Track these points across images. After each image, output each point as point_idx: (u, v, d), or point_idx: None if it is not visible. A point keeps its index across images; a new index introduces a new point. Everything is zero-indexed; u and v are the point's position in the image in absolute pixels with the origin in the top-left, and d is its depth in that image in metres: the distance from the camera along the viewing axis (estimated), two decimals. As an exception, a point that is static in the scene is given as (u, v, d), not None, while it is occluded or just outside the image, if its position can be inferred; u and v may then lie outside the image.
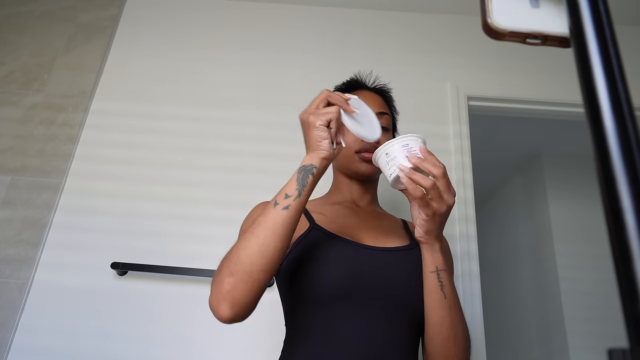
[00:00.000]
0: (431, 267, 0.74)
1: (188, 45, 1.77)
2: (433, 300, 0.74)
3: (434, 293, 0.73)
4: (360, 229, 0.85)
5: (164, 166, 1.54)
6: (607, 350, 0.22)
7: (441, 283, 0.73)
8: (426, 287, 0.75)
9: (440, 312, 0.73)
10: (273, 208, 0.67)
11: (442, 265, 0.74)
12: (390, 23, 1.87)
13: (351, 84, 1.02)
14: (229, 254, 0.67)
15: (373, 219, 0.91)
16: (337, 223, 0.84)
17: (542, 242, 2.62)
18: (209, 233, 1.43)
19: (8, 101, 1.63)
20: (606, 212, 0.24)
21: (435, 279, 0.73)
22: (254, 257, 0.64)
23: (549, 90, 1.72)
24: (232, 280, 0.63)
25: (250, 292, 0.64)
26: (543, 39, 0.36)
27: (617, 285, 0.23)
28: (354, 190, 0.93)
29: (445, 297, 0.73)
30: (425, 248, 0.75)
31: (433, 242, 0.74)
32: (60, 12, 1.81)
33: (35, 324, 1.31)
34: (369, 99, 0.94)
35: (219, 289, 0.64)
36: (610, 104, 0.26)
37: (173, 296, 1.35)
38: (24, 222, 1.43)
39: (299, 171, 0.69)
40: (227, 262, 0.66)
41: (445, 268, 0.74)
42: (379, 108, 0.93)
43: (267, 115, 1.64)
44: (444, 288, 0.73)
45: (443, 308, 0.73)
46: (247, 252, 0.65)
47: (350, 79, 1.03)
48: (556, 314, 2.37)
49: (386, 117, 0.93)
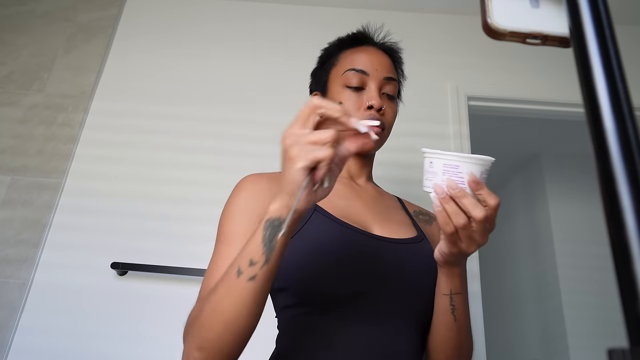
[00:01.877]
0: (445, 289, 0.66)
1: (188, 45, 1.77)
2: (442, 321, 0.69)
3: (443, 315, 0.68)
4: (366, 214, 0.76)
5: (164, 166, 1.54)
6: (607, 350, 0.22)
7: (453, 306, 0.67)
8: (437, 307, 0.69)
9: (449, 333, 0.69)
10: (236, 278, 0.53)
11: (458, 289, 0.66)
12: (390, 23, 1.86)
13: (357, 37, 0.86)
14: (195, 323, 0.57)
15: (375, 200, 0.81)
16: (340, 205, 0.74)
17: (542, 242, 2.62)
18: (209, 233, 1.43)
19: (8, 101, 1.63)
20: (606, 212, 0.24)
21: (447, 301, 0.67)
22: (222, 335, 0.54)
23: (549, 90, 1.72)
24: (201, 356, 0.55)
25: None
26: (543, 39, 0.36)
27: (617, 285, 0.23)
28: (352, 165, 0.84)
29: (455, 320, 0.68)
30: (442, 271, 0.66)
31: (451, 268, 0.65)
32: (60, 12, 1.81)
33: (35, 324, 1.31)
34: (377, 58, 0.81)
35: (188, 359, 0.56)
36: (610, 104, 0.26)
37: (173, 296, 1.35)
38: (24, 222, 1.43)
39: (264, 228, 0.52)
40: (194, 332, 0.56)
41: (460, 292, 0.66)
42: (387, 72, 0.80)
43: (267, 116, 1.64)
44: (455, 311, 0.67)
45: (452, 330, 0.68)
46: (213, 330, 0.54)
47: (357, 31, 0.87)
48: (556, 314, 2.37)
49: (394, 84, 0.80)
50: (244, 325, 0.54)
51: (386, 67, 0.81)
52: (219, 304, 0.54)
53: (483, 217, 0.54)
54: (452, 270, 0.65)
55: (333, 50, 0.87)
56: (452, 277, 0.65)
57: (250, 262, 0.52)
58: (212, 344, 0.54)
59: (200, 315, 0.56)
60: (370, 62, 0.79)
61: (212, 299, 0.55)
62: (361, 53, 0.81)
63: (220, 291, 0.55)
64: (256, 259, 0.52)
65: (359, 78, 0.78)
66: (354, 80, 0.77)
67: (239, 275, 0.53)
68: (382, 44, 0.86)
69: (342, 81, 0.79)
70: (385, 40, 0.87)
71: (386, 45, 0.86)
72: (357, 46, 0.84)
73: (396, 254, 0.71)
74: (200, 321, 0.56)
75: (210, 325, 0.54)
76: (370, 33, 0.86)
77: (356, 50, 0.82)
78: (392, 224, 0.77)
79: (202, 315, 0.56)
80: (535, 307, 2.62)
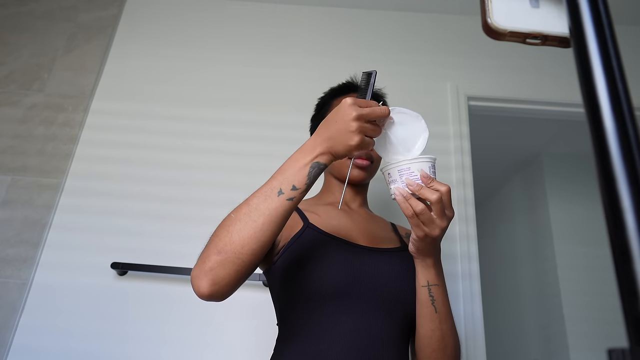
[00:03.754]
0: (422, 281, 0.74)
1: (188, 45, 1.77)
2: (424, 313, 0.75)
3: (424, 306, 0.74)
4: (354, 230, 0.86)
5: (164, 166, 1.54)
6: (607, 350, 0.22)
7: (432, 297, 0.74)
8: (418, 300, 0.76)
9: (431, 325, 0.74)
10: (277, 196, 0.64)
11: (434, 280, 0.74)
12: (390, 23, 1.87)
13: (346, 86, 1.01)
14: (219, 232, 0.65)
15: (365, 220, 0.92)
16: (331, 224, 0.85)
17: (542, 242, 2.62)
18: (209, 233, 1.43)
19: (8, 101, 1.63)
20: (606, 212, 0.24)
21: (426, 293, 0.74)
22: (247, 240, 0.62)
23: (549, 90, 1.72)
24: (219, 259, 0.62)
25: (235, 272, 0.62)
26: (543, 39, 0.36)
27: (617, 285, 0.23)
28: (346, 193, 0.95)
29: (436, 311, 0.74)
30: (417, 262, 0.75)
31: (424, 258, 0.74)
32: (60, 12, 1.81)
33: (35, 324, 1.31)
34: None
35: (203, 264, 0.62)
36: (610, 104, 0.26)
37: (173, 296, 1.35)
38: (24, 222, 1.43)
39: (311, 166, 0.66)
40: (215, 240, 0.64)
41: (437, 283, 0.74)
42: None
43: (268, 116, 1.64)
44: (435, 302, 0.74)
45: (434, 321, 0.74)
46: (241, 235, 0.62)
47: (345, 82, 1.03)
48: (556, 314, 2.37)
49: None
50: (268, 235, 0.64)
51: None
52: (252, 213, 0.64)
53: (437, 198, 0.66)
54: (425, 261, 0.73)
55: (327, 99, 1.02)
56: (427, 267, 0.74)
57: (292, 187, 0.65)
58: (234, 246, 0.62)
59: (225, 224, 0.65)
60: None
61: (244, 209, 0.65)
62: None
63: (254, 204, 0.65)
64: (299, 186, 0.65)
65: None
66: None
67: (279, 194, 0.65)
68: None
69: None
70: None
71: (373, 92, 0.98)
72: (346, 94, 0.97)
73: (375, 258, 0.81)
74: (225, 228, 0.64)
75: (238, 230, 0.63)
76: (357, 82, 1.00)
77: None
78: (378, 239, 0.87)
79: (228, 223, 0.65)
80: (535, 307, 2.62)
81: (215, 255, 0.62)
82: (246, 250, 0.62)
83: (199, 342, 1.30)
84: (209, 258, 0.62)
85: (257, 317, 1.32)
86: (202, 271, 0.62)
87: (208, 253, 0.63)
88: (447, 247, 1.45)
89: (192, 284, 0.63)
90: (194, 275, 0.63)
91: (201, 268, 0.62)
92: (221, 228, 0.66)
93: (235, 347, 1.30)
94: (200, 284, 0.61)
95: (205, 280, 0.61)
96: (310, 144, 0.68)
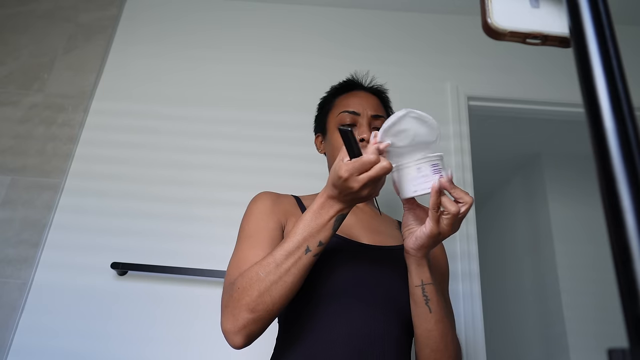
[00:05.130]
0: (416, 281, 0.73)
1: (188, 45, 1.77)
2: (418, 314, 0.74)
3: (419, 306, 0.73)
4: (358, 228, 0.87)
5: (164, 166, 1.54)
6: (607, 350, 0.22)
7: (426, 297, 0.73)
8: (412, 299, 0.75)
9: (427, 325, 0.73)
10: (304, 254, 0.68)
11: (428, 279, 0.73)
12: (390, 23, 1.87)
13: (347, 84, 1.01)
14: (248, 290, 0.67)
15: (370, 218, 0.92)
16: None
17: (542, 242, 2.62)
18: (209, 233, 1.43)
19: (8, 101, 1.63)
20: (606, 212, 0.24)
21: (420, 293, 0.73)
22: (278, 299, 0.67)
23: (549, 90, 1.72)
24: (252, 317, 0.66)
25: (266, 325, 0.68)
26: (543, 39, 0.36)
27: (617, 285, 0.23)
28: None
29: (431, 312, 0.73)
30: (412, 261, 0.73)
31: (422, 257, 0.72)
32: (60, 12, 1.81)
33: (35, 324, 1.31)
34: (366, 100, 0.94)
35: (236, 321, 0.67)
36: (610, 104, 0.26)
37: (173, 296, 1.35)
38: (24, 222, 1.43)
39: (336, 219, 0.69)
40: (246, 298, 0.67)
41: (431, 282, 0.73)
42: (374, 110, 0.93)
43: (267, 115, 1.64)
44: (429, 302, 0.73)
45: (429, 322, 0.73)
46: (272, 295, 0.66)
47: (346, 79, 1.03)
48: (556, 314, 2.37)
49: (381, 120, 0.92)
50: (295, 292, 0.69)
51: (374, 106, 0.94)
52: (283, 275, 0.67)
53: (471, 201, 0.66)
54: (422, 260, 0.73)
55: (329, 97, 1.03)
56: (422, 267, 0.73)
57: (319, 243, 0.68)
58: (266, 306, 0.66)
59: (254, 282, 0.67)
60: (359, 103, 0.93)
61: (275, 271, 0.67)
62: (352, 97, 0.96)
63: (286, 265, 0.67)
64: (324, 241, 0.69)
65: (351, 118, 0.92)
66: (347, 119, 0.92)
67: (307, 252, 0.68)
68: (370, 88, 1.01)
69: (337, 122, 0.93)
70: (373, 84, 1.02)
71: (374, 88, 1.01)
72: (348, 92, 0.98)
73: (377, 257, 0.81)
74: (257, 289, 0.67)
75: (269, 292, 0.66)
76: (358, 79, 1.02)
77: (348, 95, 0.97)
78: (381, 236, 0.88)
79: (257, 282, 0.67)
80: (535, 307, 2.62)
81: (247, 313, 0.66)
82: (277, 307, 0.67)
83: (199, 342, 1.30)
84: (241, 315, 0.67)
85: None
86: (235, 327, 0.67)
87: (239, 310, 0.67)
88: (447, 247, 1.45)
89: (227, 338, 0.68)
90: (228, 330, 0.68)
91: (234, 324, 0.67)
92: (250, 286, 0.68)
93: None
94: (235, 339, 0.67)
95: (240, 336, 0.67)
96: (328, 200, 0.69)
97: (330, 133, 0.95)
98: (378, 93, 1.00)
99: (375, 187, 0.67)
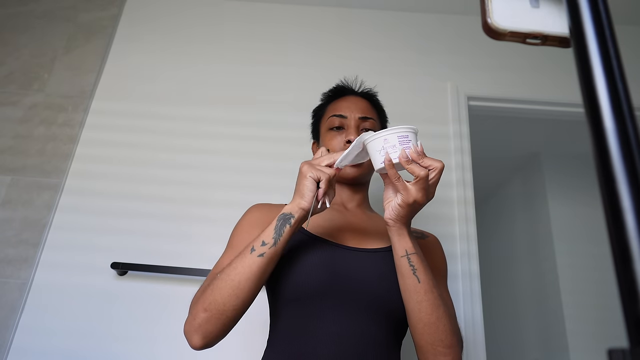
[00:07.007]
0: (400, 251, 0.73)
1: (188, 45, 1.77)
2: (407, 286, 0.73)
3: (407, 278, 0.73)
4: (345, 231, 0.87)
5: (164, 166, 1.54)
6: (607, 350, 0.22)
7: (413, 267, 0.72)
8: (399, 273, 0.74)
9: (417, 297, 0.72)
10: (249, 254, 0.71)
11: (412, 249, 0.73)
12: (390, 23, 1.87)
13: (337, 90, 1.04)
14: (205, 291, 0.72)
15: (360, 220, 0.92)
16: (323, 226, 0.86)
17: (542, 242, 2.62)
18: (208, 233, 1.43)
19: (8, 101, 1.63)
20: (606, 212, 0.24)
21: (406, 263, 0.73)
22: (227, 299, 0.70)
23: (549, 90, 1.72)
24: (206, 316, 0.70)
25: (222, 326, 0.71)
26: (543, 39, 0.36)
27: (617, 285, 0.23)
28: (343, 193, 0.96)
29: (420, 282, 0.72)
30: (393, 232, 0.74)
31: (401, 226, 0.73)
32: (60, 12, 1.81)
33: (35, 324, 1.31)
34: (354, 103, 0.97)
35: (193, 321, 0.71)
36: (610, 104, 0.26)
37: (173, 296, 1.35)
38: (24, 222, 1.43)
39: (278, 219, 0.73)
40: (202, 298, 0.71)
41: (415, 252, 0.73)
42: (362, 112, 0.96)
43: (267, 115, 1.64)
44: (417, 272, 0.72)
45: (419, 293, 0.72)
46: (222, 294, 0.70)
47: (336, 85, 1.05)
48: (556, 314, 2.37)
49: (370, 122, 0.95)
50: (246, 291, 0.70)
51: (362, 109, 0.97)
52: (231, 273, 0.71)
53: (441, 166, 0.69)
54: (402, 230, 0.74)
55: (321, 105, 1.07)
56: (403, 236, 0.74)
57: (262, 243, 0.72)
58: (217, 305, 0.70)
59: (212, 284, 0.72)
60: (348, 107, 0.97)
61: (226, 270, 0.72)
62: (342, 102, 1.00)
63: (234, 264, 0.72)
64: (267, 241, 0.72)
65: (339, 121, 0.95)
66: (335, 122, 0.95)
67: (252, 252, 0.72)
68: (360, 92, 1.04)
69: (327, 126, 0.97)
70: (362, 88, 1.05)
71: (363, 92, 1.04)
72: (338, 97, 1.02)
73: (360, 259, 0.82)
74: (211, 287, 0.71)
75: (219, 290, 0.70)
76: (348, 84, 1.05)
77: (338, 100, 1.01)
78: (369, 238, 0.88)
79: (213, 283, 0.72)
80: (535, 307, 2.62)
81: (202, 312, 0.70)
82: (228, 307, 0.70)
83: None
84: (197, 315, 0.71)
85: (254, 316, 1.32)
86: (192, 327, 0.71)
87: (197, 310, 0.71)
88: (447, 247, 1.45)
89: (186, 338, 0.72)
90: (186, 330, 0.71)
91: (192, 324, 0.71)
92: (207, 287, 0.73)
93: (233, 347, 1.30)
94: (192, 338, 0.71)
95: (197, 335, 0.70)
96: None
97: (321, 136, 0.99)
98: (368, 96, 1.03)
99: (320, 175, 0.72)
